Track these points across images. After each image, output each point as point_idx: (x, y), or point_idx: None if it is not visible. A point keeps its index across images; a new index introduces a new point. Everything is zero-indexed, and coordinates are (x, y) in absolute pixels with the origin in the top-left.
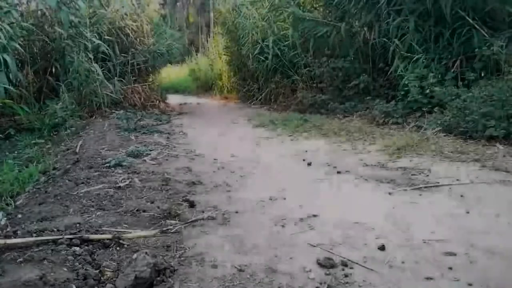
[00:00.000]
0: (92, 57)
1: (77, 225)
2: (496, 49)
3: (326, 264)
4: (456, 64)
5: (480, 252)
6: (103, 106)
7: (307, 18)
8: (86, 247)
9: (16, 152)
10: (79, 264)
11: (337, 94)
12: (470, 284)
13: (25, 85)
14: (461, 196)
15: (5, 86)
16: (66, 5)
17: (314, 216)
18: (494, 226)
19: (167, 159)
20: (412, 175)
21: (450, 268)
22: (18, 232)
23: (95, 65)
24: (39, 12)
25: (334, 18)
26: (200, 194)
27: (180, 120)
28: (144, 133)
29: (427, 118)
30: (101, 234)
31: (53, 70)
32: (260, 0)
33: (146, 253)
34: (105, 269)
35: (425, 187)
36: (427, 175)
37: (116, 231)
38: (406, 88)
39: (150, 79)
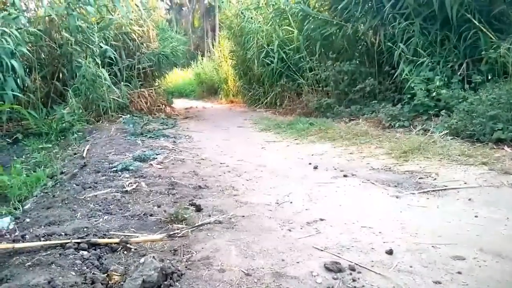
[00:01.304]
0: (99, 62)
1: (85, 229)
2: (503, 52)
3: (334, 269)
4: (462, 67)
5: (489, 256)
6: (109, 110)
7: (315, 16)
8: (94, 251)
9: (24, 156)
10: (87, 268)
11: (343, 98)
12: None
13: (32, 90)
14: (469, 199)
15: (13, 92)
16: (74, 11)
17: (321, 220)
18: (503, 230)
19: (173, 163)
20: (419, 178)
21: (459, 273)
22: (26, 236)
23: (102, 70)
24: (46, 18)
25: (340, 22)
26: (207, 198)
27: (186, 124)
28: (150, 137)
29: (434, 121)
30: (109, 238)
31: (60, 75)
32: (263, 6)
33: (153, 257)
34: (113, 273)
35: (433, 190)
36: (435, 179)
37: (123, 235)
38: (412, 91)
39: (156, 84)
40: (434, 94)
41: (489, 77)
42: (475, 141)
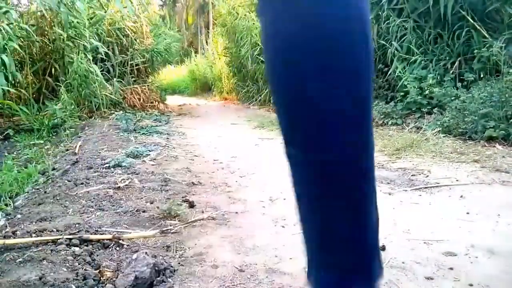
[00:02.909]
0: (91, 58)
1: (77, 225)
2: (495, 50)
3: None
4: (455, 65)
5: (481, 252)
6: (102, 107)
7: None
8: (86, 247)
9: (15, 152)
10: (79, 264)
11: None
12: (470, 285)
13: (24, 86)
14: (461, 196)
15: (4, 87)
16: (67, 6)
17: None
18: (495, 226)
19: (166, 160)
20: (412, 175)
21: (451, 268)
22: (17, 232)
23: (94, 66)
24: (38, 13)
25: None
26: (200, 195)
27: (180, 121)
28: (143, 134)
29: (427, 119)
30: (101, 234)
31: (53, 70)
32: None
33: (146, 253)
34: (105, 269)
35: (425, 187)
36: (427, 176)
37: (115, 231)
38: (405, 89)
39: (150, 80)
40: (426, 92)
41: (481, 76)
42: (467, 139)
